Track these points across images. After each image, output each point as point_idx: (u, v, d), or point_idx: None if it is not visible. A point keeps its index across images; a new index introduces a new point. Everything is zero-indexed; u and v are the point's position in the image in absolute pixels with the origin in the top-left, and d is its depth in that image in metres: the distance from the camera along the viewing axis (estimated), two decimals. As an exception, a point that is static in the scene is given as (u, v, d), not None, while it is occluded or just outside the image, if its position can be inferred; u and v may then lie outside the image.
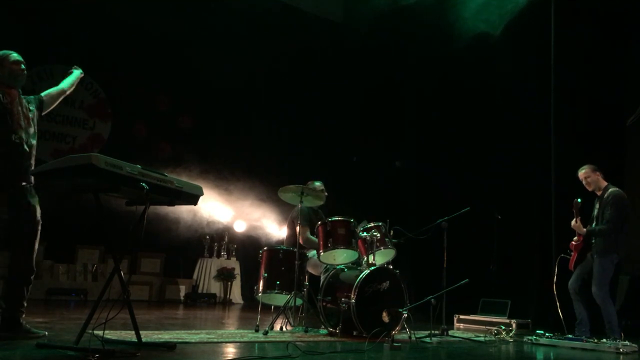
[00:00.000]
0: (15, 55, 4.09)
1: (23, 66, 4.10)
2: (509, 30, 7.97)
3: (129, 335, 3.95)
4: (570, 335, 5.43)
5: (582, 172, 5.83)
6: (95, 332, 3.25)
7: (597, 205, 5.74)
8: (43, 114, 4.27)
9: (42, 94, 4.27)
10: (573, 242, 5.80)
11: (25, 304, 4.02)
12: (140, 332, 3.76)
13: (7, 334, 3.87)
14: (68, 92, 4.42)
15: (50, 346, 3.54)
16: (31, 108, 4.12)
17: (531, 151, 8.01)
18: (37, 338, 3.88)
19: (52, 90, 4.32)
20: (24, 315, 4.00)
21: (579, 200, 5.71)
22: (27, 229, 3.99)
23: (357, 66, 10.41)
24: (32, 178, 4.00)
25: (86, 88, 9.81)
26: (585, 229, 5.64)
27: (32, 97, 4.19)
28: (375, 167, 10.41)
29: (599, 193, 5.75)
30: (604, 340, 5.08)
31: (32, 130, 4.06)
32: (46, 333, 4.03)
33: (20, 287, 3.98)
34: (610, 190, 5.66)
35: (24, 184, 3.98)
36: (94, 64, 9.58)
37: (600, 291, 5.45)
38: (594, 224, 5.69)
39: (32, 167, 4.02)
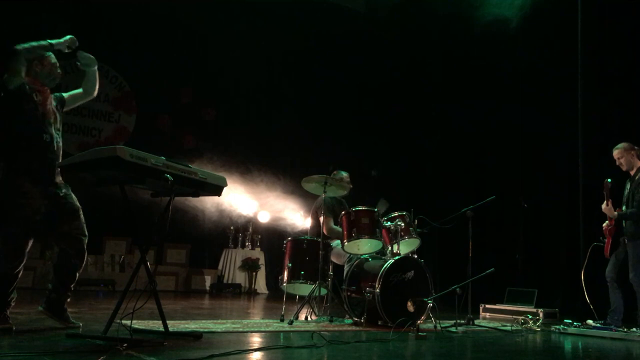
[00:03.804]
0: (54, 57, 4.16)
1: (59, 70, 4.18)
2: (534, 12, 7.82)
3: (156, 325, 4.01)
4: (599, 324, 5.35)
5: (616, 152, 5.64)
6: (123, 321, 3.30)
7: (628, 186, 5.58)
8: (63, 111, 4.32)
9: (65, 94, 4.31)
10: (606, 227, 5.67)
11: (72, 288, 4.12)
12: (167, 321, 3.81)
13: (53, 316, 3.98)
14: (93, 94, 4.40)
15: (80, 336, 3.60)
16: (58, 107, 4.18)
17: (558, 136, 7.88)
18: (73, 328, 3.96)
19: (76, 92, 4.35)
20: (68, 300, 4.10)
21: (609, 180, 5.55)
22: (71, 216, 4.05)
23: (380, 53, 10.33)
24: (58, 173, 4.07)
25: (111, 82, 9.92)
26: (616, 213, 5.51)
27: (56, 94, 4.23)
28: (399, 156, 10.34)
29: (632, 173, 5.58)
30: (634, 329, 5.00)
31: (59, 127, 4.13)
32: (80, 324, 4.11)
33: (72, 272, 4.07)
34: None
35: (59, 180, 4.05)
36: (118, 58, 9.75)
37: (637, 277, 5.33)
38: (624, 207, 5.56)
39: None
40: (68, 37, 4.17)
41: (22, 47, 3.92)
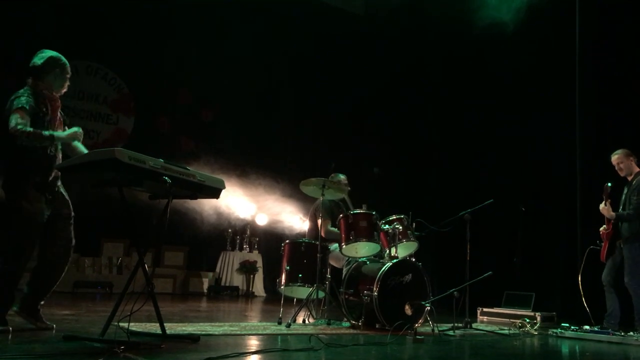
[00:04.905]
0: (68, 63, 4.16)
1: (68, 82, 4.19)
2: (532, 14, 7.84)
3: (154, 328, 4.00)
4: (596, 328, 5.36)
5: (614, 157, 5.70)
6: (121, 324, 3.29)
7: (625, 191, 5.63)
8: None
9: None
10: (603, 231, 5.70)
11: (48, 296, 4.13)
12: (165, 324, 3.81)
13: (27, 317, 3.98)
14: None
15: (77, 338, 3.59)
16: (65, 120, 4.23)
17: (556, 139, 7.89)
18: (46, 328, 3.98)
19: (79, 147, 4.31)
20: (42, 302, 4.08)
21: (610, 184, 5.60)
22: (67, 220, 4.10)
23: (379, 56, 10.35)
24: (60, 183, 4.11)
25: (110, 83, 9.91)
26: (613, 213, 5.54)
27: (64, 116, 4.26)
28: (398, 159, 10.35)
29: (629, 178, 5.64)
30: (631, 333, 5.00)
31: None
32: (54, 325, 4.07)
33: (57, 275, 4.08)
34: None
35: (59, 184, 4.09)
36: (117, 59, 9.75)
37: (633, 280, 5.36)
38: (620, 209, 5.59)
39: None
40: (74, 130, 4.07)
41: (25, 133, 3.72)
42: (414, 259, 5.60)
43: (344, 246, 5.49)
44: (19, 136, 3.70)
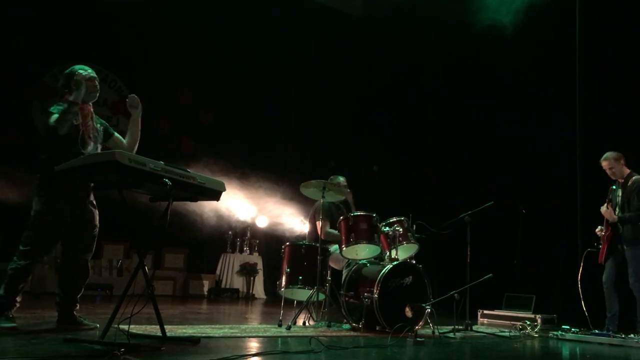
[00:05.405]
0: (90, 72, 4.24)
1: (97, 83, 4.26)
2: (532, 16, 7.84)
3: (154, 330, 4.00)
4: (596, 331, 5.35)
5: (605, 162, 5.74)
6: (121, 326, 3.30)
7: (618, 193, 5.64)
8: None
9: (116, 134, 4.43)
10: (602, 233, 5.69)
11: (79, 299, 4.29)
12: (165, 326, 3.81)
13: (64, 325, 4.16)
14: (132, 148, 4.41)
15: (77, 340, 3.59)
16: (99, 128, 4.30)
17: (556, 141, 7.88)
18: (90, 329, 4.15)
19: (122, 140, 4.39)
20: (77, 307, 4.26)
21: (615, 187, 5.62)
22: (87, 231, 4.22)
23: (378, 57, 10.35)
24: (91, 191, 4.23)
25: (110, 86, 9.91)
26: (615, 216, 5.54)
27: (102, 121, 4.36)
28: (398, 161, 10.34)
29: (621, 181, 5.66)
30: (632, 335, 5.00)
31: (98, 146, 4.24)
32: (97, 325, 4.21)
33: (77, 283, 4.25)
34: (634, 177, 5.58)
35: (91, 198, 4.23)
36: (117, 61, 9.75)
37: (638, 282, 5.36)
38: (617, 212, 5.59)
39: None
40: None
41: (54, 122, 3.94)
42: (414, 261, 5.60)
43: (344, 248, 5.50)
44: (53, 127, 3.92)
